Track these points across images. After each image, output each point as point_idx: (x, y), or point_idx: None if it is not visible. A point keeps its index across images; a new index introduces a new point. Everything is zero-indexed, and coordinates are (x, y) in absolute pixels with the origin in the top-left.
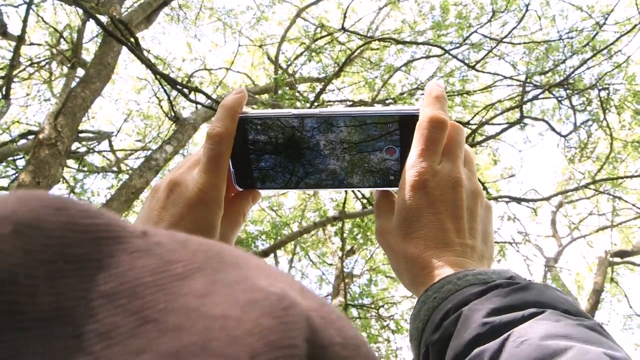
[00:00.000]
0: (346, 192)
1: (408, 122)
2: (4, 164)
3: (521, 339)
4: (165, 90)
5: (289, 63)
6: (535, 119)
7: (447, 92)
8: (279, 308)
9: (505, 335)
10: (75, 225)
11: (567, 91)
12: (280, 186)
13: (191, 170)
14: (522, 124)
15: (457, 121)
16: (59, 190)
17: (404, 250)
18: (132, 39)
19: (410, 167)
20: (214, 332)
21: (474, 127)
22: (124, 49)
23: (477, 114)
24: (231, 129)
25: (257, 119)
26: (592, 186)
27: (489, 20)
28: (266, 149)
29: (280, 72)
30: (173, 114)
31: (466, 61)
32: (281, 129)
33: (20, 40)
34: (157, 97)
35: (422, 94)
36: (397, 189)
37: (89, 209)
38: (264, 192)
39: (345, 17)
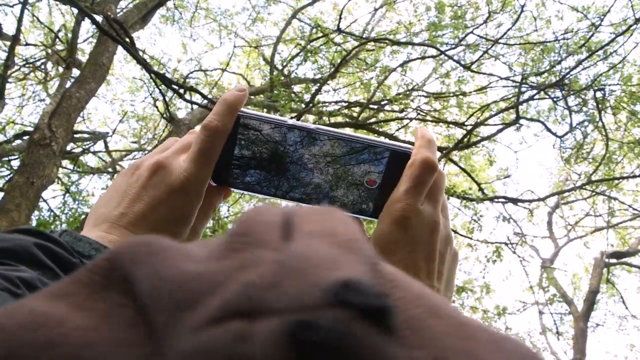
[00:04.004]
0: None
1: (397, 157)
2: None
3: None
4: (160, 91)
5: (284, 64)
6: (531, 119)
7: (442, 93)
8: None
9: None
10: None
11: (563, 92)
12: (256, 190)
13: (178, 155)
14: (518, 125)
15: (454, 122)
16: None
17: None
18: (127, 39)
19: (395, 202)
20: None
21: (469, 127)
22: (119, 50)
23: (473, 114)
24: (228, 125)
25: (254, 120)
26: (588, 187)
27: (485, 21)
28: (251, 151)
29: (275, 72)
30: (168, 114)
31: (462, 62)
32: (272, 135)
33: (15, 40)
34: (153, 97)
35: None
36: (368, 218)
37: None
38: (237, 191)
39: (340, 18)
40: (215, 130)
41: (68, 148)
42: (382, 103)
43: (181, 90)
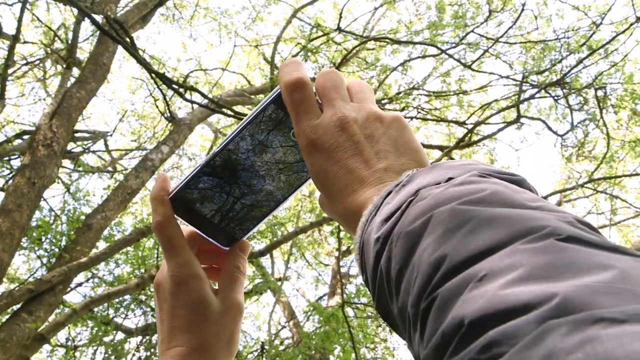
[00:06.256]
0: None
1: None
2: None
3: (397, 236)
4: (160, 90)
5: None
6: (532, 118)
7: (443, 92)
8: None
9: (390, 240)
10: None
11: (564, 90)
12: (256, 222)
13: (165, 266)
14: (519, 124)
15: (455, 121)
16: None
17: (336, 211)
18: (127, 39)
19: (297, 139)
20: None
21: (470, 126)
22: (119, 49)
23: (474, 113)
24: (166, 213)
25: (183, 188)
26: (590, 185)
27: (485, 20)
28: (214, 202)
29: (276, 72)
30: (169, 113)
31: (462, 61)
32: (206, 180)
33: (15, 39)
34: (153, 97)
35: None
36: None
37: None
38: (246, 237)
39: (341, 17)
40: (159, 225)
41: (68, 147)
42: (383, 102)
43: (181, 90)
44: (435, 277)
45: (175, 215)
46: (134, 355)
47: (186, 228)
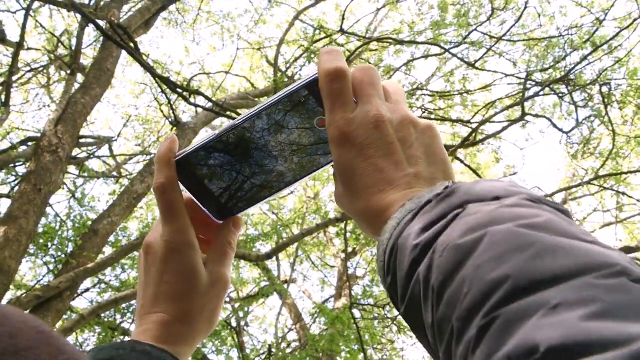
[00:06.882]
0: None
1: (316, 87)
2: (4, 171)
3: (442, 247)
4: (165, 94)
5: (288, 65)
6: (537, 116)
7: (447, 92)
8: None
9: (432, 249)
10: None
11: (568, 87)
12: (255, 200)
13: (158, 228)
14: (523, 122)
15: (459, 120)
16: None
17: (355, 208)
18: (131, 43)
19: (327, 128)
20: None
21: (474, 125)
22: (122, 54)
23: (478, 112)
24: (170, 175)
25: (192, 153)
26: (595, 182)
27: (488, 19)
28: (217, 174)
29: (279, 74)
30: (173, 117)
31: (466, 59)
32: (218, 150)
33: (19, 46)
34: (157, 101)
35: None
36: None
37: None
38: (242, 214)
39: (343, 18)
40: (161, 186)
41: (73, 153)
42: None
43: (185, 94)
44: (494, 296)
45: None
46: None
47: (182, 194)
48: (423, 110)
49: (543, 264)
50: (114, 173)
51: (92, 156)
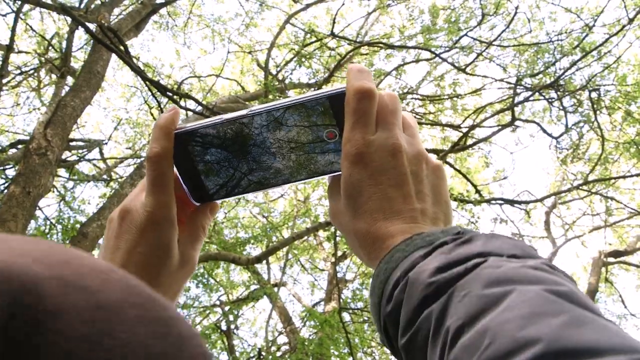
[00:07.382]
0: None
1: (339, 101)
2: None
3: (464, 292)
4: (155, 97)
5: (278, 69)
6: (527, 121)
7: (437, 96)
8: None
9: (450, 291)
10: None
11: (558, 93)
12: (235, 193)
13: (140, 195)
14: (513, 126)
15: (449, 125)
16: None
17: (354, 227)
18: (121, 47)
19: (345, 142)
20: None
21: (464, 130)
22: (113, 57)
23: (468, 117)
24: (167, 147)
25: (194, 131)
26: (585, 187)
27: (479, 24)
28: (211, 158)
29: (270, 78)
30: None
31: (456, 64)
32: (220, 135)
33: (9, 49)
34: (148, 104)
35: (413, 98)
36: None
37: None
38: (221, 201)
39: (334, 22)
40: (157, 155)
41: (63, 156)
42: None
43: (176, 97)
44: (521, 355)
45: None
46: None
47: None
48: (413, 114)
49: (574, 333)
50: (105, 176)
51: (82, 159)
